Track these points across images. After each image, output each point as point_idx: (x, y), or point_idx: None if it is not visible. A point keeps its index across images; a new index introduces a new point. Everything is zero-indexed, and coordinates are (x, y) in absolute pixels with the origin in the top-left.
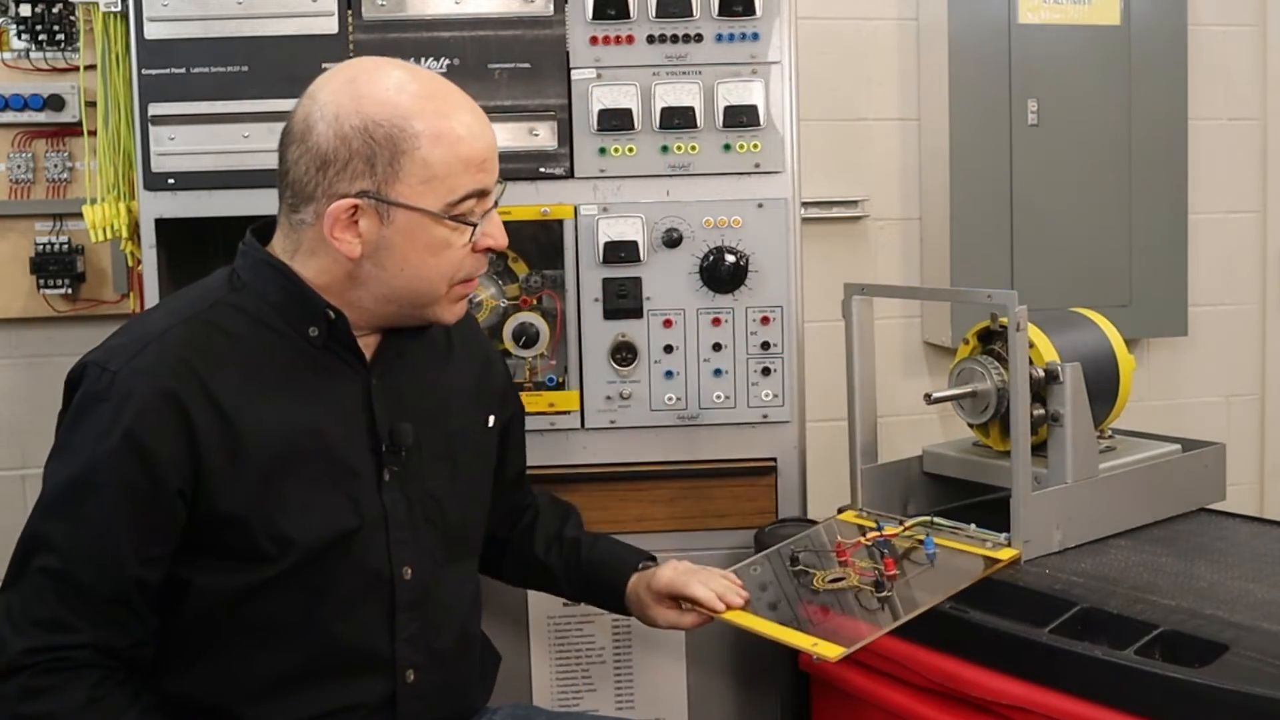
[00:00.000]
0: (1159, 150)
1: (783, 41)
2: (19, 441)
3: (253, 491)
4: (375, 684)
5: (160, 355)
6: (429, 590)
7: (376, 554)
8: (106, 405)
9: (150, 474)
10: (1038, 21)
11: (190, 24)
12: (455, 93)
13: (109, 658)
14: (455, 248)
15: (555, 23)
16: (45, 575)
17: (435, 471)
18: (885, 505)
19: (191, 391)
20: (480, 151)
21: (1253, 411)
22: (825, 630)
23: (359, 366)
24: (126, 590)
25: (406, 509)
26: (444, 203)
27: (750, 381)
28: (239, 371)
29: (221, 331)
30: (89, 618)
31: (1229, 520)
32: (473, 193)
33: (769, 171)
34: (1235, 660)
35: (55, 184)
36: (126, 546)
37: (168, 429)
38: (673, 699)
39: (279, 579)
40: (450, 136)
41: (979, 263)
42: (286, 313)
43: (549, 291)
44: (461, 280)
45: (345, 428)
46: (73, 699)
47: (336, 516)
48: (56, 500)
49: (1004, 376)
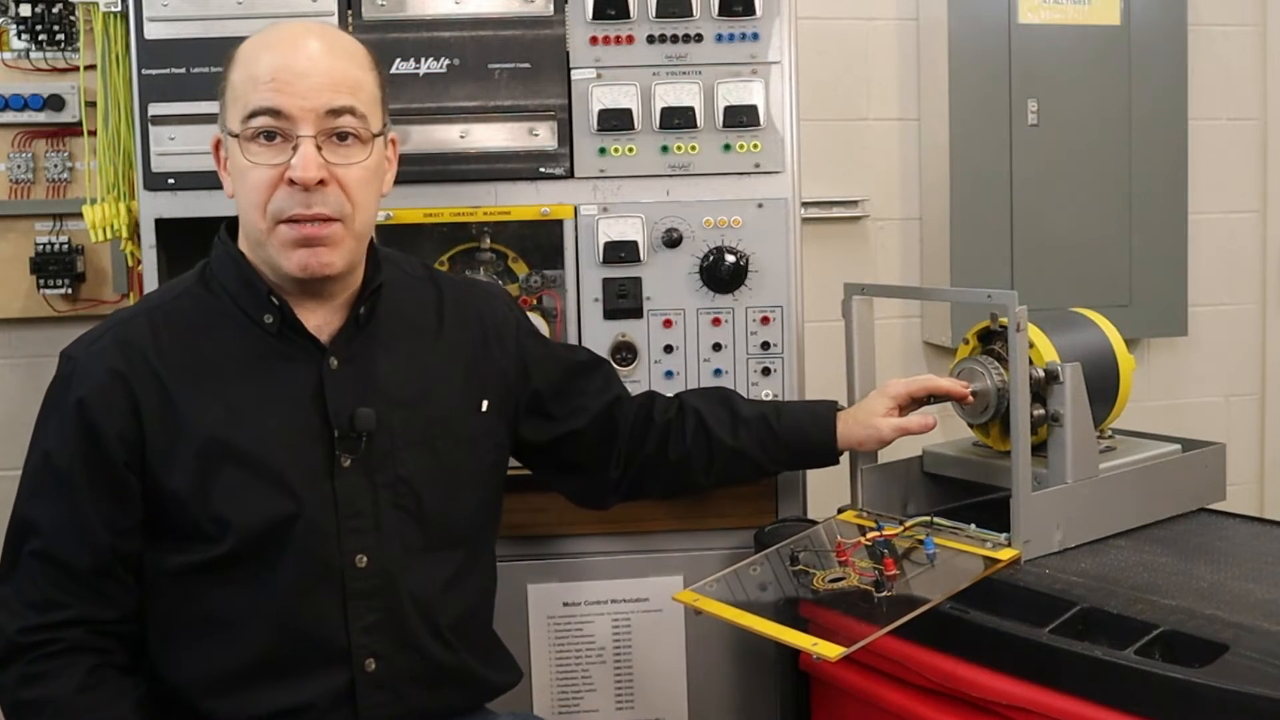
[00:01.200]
0: (1159, 150)
1: (783, 41)
2: (19, 441)
3: (190, 473)
4: (333, 674)
5: (115, 340)
6: (393, 579)
7: (324, 541)
8: (66, 387)
9: (99, 448)
10: (1038, 21)
11: (190, 24)
12: (294, 26)
13: (100, 636)
14: (253, 171)
15: (555, 23)
16: (33, 558)
17: (409, 457)
18: (885, 505)
19: (139, 374)
20: (268, 68)
21: (1253, 411)
22: (825, 630)
23: (313, 350)
24: (107, 561)
25: (370, 496)
26: (239, 121)
27: (750, 381)
28: (189, 359)
29: (180, 320)
30: (76, 593)
31: (1229, 520)
32: (260, 109)
33: (769, 171)
34: (1235, 660)
35: (55, 184)
36: (96, 517)
37: (115, 407)
38: (673, 699)
39: (226, 564)
40: (249, 56)
41: (979, 263)
42: (243, 301)
43: (549, 291)
44: (282, 218)
45: (294, 415)
46: (68, 684)
47: (271, 502)
48: (32, 482)
49: (1004, 376)
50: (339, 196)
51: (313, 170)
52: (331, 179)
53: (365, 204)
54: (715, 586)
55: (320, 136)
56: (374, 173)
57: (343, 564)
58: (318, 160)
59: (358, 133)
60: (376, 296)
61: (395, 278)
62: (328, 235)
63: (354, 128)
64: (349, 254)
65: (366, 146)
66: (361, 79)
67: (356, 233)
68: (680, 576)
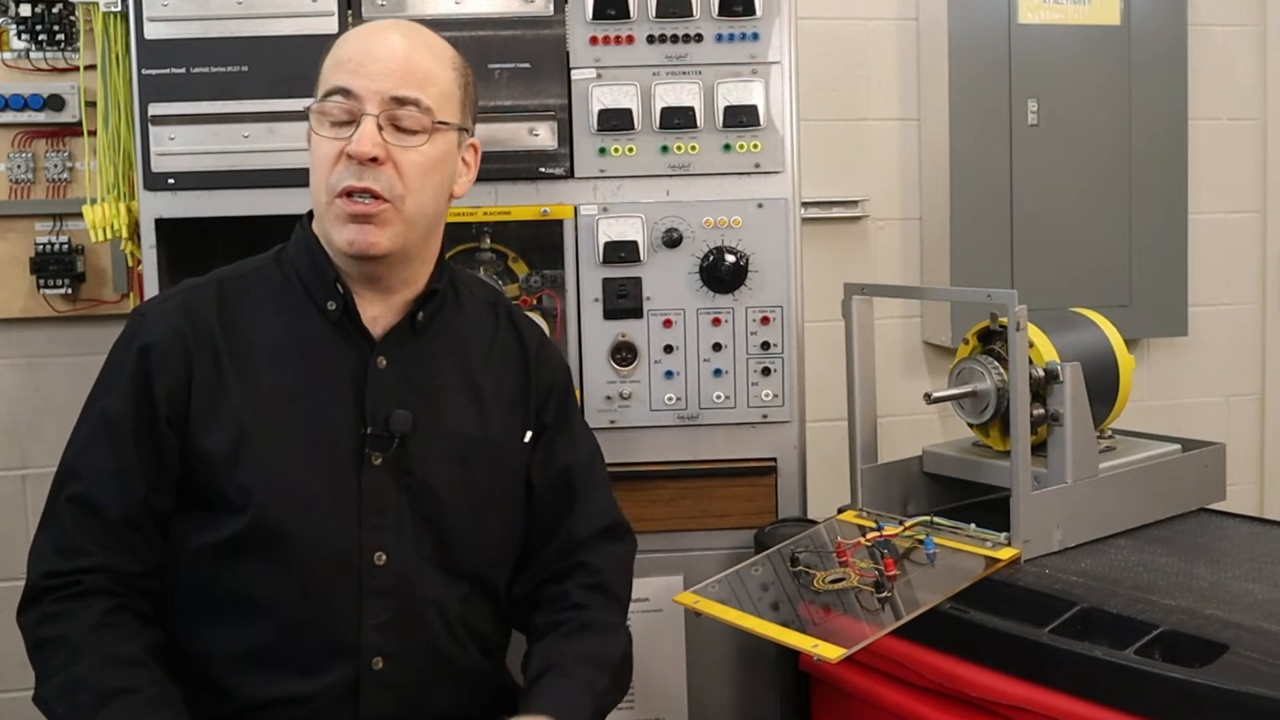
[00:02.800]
0: (1159, 150)
1: (783, 41)
2: (19, 441)
3: (225, 440)
4: (341, 668)
5: (183, 303)
6: (410, 581)
7: (345, 534)
8: (131, 340)
9: (149, 398)
10: (1038, 21)
11: (190, 24)
12: (390, 22)
13: (120, 584)
14: (320, 144)
15: (555, 23)
16: (70, 503)
17: (437, 470)
18: (885, 505)
19: (200, 339)
20: (348, 52)
21: (1253, 411)
22: (826, 630)
23: (365, 346)
24: (139, 514)
25: (395, 497)
26: (316, 100)
27: (750, 381)
28: (248, 333)
29: (247, 295)
30: (103, 542)
31: (1229, 520)
32: (334, 89)
33: (769, 171)
34: (1235, 660)
35: (55, 184)
36: (137, 467)
37: (170, 365)
38: (673, 699)
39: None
40: (338, 45)
41: (979, 263)
42: (312, 284)
43: (549, 291)
44: (339, 192)
45: (334, 404)
46: (83, 622)
47: (295, 484)
48: (83, 429)
49: (1004, 376)
50: (392, 176)
51: (367, 145)
52: (387, 159)
53: (419, 190)
54: (716, 588)
55: (383, 118)
56: (435, 163)
57: (360, 559)
58: (375, 138)
59: (420, 126)
60: (436, 304)
61: (459, 293)
62: (377, 214)
63: (415, 120)
64: (398, 237)
65: (429, 136)
66: (436, 74)
67: (406, 217)
68: (680, 577)
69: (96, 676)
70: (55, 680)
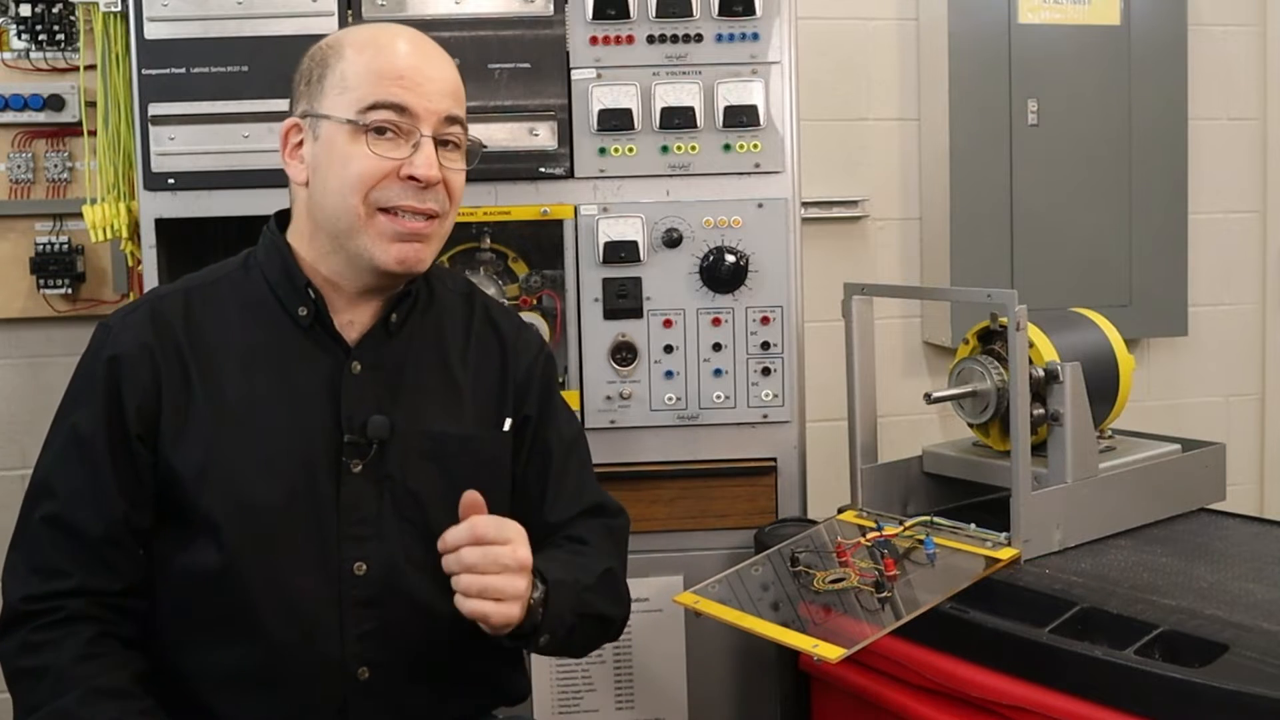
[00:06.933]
0: (1159, 150)
1: (783, 41)
2: (19, 441)
3: (196, 454)
4: (326, 681)
5: (150, 313)
6: (393, 588)
7: (323, 544)
8: (99, 351)
9: (120, 412)
10: (1038, 21)
11: (190, 24)
12: (408, 30)
13: (102, 607)
14: (367, 159)
15: (555, 23)
16: (44, 523)
17: (418, 471)
18: (885, 505)
19: (166, 350)
20: (399, 66)
21: (1253, 411)
22: (826, 631)
23: (336, 351)
24: (118, 530)
25: (376, 504)
26: (355, 110)
27: (750, 381)
28: (216, 341)
29: (214, 304)
30: (82, 562)
31: (1229, 520)
32: (384, 103)
33: (769, 171)
34: (1235, 660)
35: (55, 184)
36: (114, 483)
37: (139, 379)
38: (673, 699)
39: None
40: (370, 49)
41: (979, 263)
42: (282, 290)
43: (549, 291)
44: (383, 208)
45: (309, 412)
46: (67, 653)
47: (268, 497)
48: (54, 445)
49: (1004, 376)
50: (443, 196)
51: (436, 170)
52: (440, 179)
53: (456, 207)
54: (716, 588)
55: (435, 138)
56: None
57: (340, 570)
58: (435, 160)
59: (460, 142)
60: (409, 304)
61: (433, 288)
62: (430, 233)
63: (459, 138)
64: (435, 253)
65: (462, 151)
66: (464, 93)
67: (443, 233)
68: (680, 577)
69: (84, 710)
70: (40, 714)
